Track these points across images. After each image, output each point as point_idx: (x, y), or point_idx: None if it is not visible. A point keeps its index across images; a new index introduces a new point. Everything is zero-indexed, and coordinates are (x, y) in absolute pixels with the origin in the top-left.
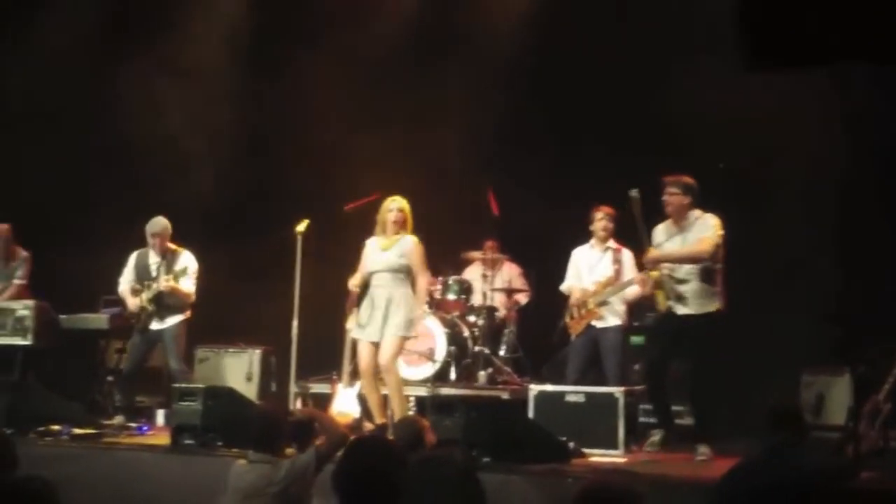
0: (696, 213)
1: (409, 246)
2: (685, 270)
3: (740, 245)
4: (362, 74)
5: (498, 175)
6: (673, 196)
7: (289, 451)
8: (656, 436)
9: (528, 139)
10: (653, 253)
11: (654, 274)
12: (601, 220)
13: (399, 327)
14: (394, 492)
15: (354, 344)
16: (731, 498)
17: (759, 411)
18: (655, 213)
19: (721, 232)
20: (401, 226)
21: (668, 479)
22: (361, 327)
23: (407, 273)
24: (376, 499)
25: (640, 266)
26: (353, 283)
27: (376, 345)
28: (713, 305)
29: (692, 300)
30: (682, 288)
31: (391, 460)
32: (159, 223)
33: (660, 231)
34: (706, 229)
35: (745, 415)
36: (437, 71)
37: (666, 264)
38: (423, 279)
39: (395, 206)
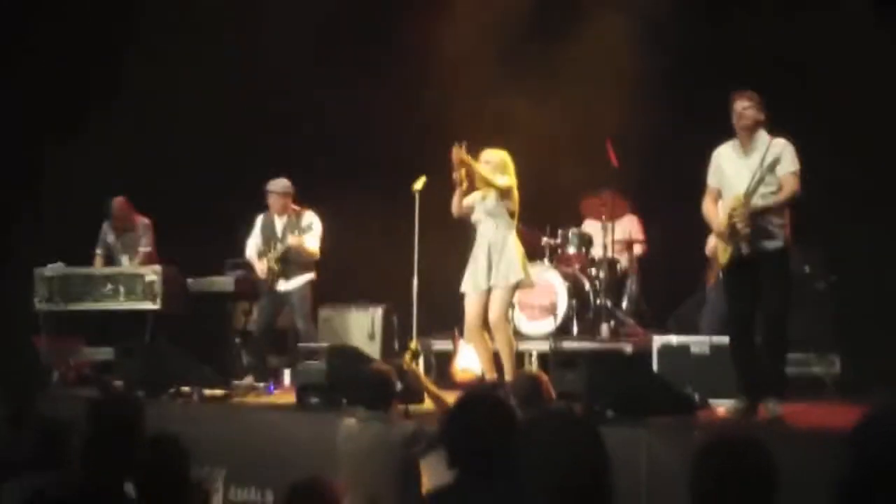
0: (764, 134)
1: (503, 184)
2: (765, 205)
3: (867, 181)
4: (489, 32)
5: (619, 125)
6: (748, 110)
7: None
8: (740, 404)
9: (649, 89)
10: (753, 205)
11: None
12: None
13: (505, 276)
14: (505, 448)
15: None
16: (868, 446)
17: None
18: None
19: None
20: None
21: (794, 430)
22: (468, 280)
23: (508, 217)
24: (487, 455)
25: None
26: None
27: (484, 294)
28: (788, 239)
29: (772, 236)
30: (763, 224)
31: (502, 416)
32: (281, 183)
33: (724, 155)
34: (790, 161)
35: (872, 361)
36: (561, 26)
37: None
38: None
39: (488, 158)
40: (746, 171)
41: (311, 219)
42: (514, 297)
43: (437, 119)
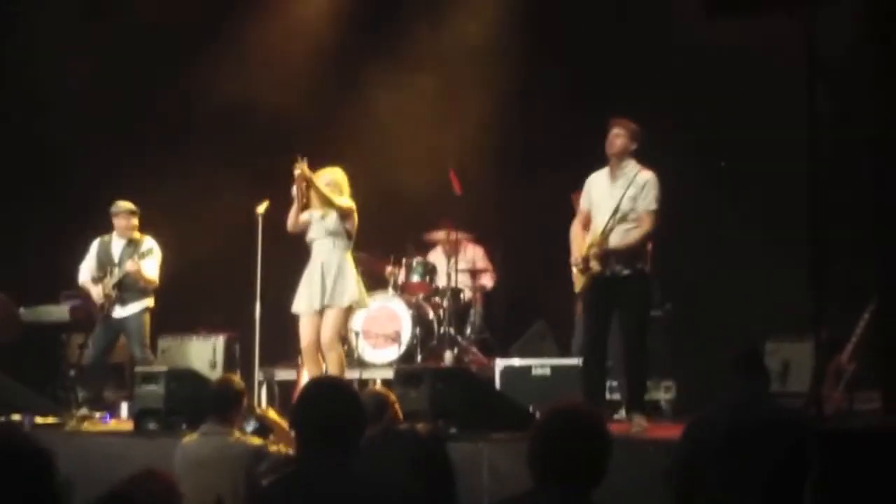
0: (633, 164)
1: (344, 205)
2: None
3: (703, 209)
4: (321, 47)
5: (463, 153)
6: (619, 138)
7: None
8: None
9: (493, 116)
10: (610, 245)
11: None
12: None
13: (340, 297)
14: (354, 430)
15: None
16: (707, 440)
17: (726, 370)
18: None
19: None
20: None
21: (629, 439)
22: (301, 300)
23: (346, 238)
24: (333, 434)
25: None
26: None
27: (318, 315)
28: (644, 263)
29: (628, 264)
30: (620, 253)
31: (346, 395)
32: (125, 205)
33: (594, 181)
34: (652, 198)
35: (707, 386)
36: (403, 42)
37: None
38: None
39: (326, 178)
40: (610, 198)
41: (150, 244)
42: (349, 319)
43: (281, 140)
